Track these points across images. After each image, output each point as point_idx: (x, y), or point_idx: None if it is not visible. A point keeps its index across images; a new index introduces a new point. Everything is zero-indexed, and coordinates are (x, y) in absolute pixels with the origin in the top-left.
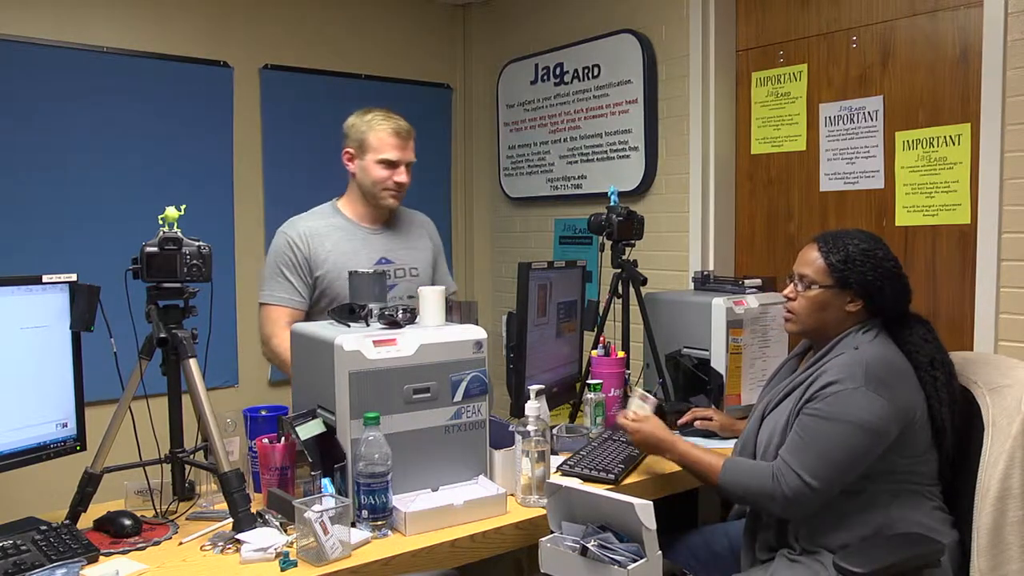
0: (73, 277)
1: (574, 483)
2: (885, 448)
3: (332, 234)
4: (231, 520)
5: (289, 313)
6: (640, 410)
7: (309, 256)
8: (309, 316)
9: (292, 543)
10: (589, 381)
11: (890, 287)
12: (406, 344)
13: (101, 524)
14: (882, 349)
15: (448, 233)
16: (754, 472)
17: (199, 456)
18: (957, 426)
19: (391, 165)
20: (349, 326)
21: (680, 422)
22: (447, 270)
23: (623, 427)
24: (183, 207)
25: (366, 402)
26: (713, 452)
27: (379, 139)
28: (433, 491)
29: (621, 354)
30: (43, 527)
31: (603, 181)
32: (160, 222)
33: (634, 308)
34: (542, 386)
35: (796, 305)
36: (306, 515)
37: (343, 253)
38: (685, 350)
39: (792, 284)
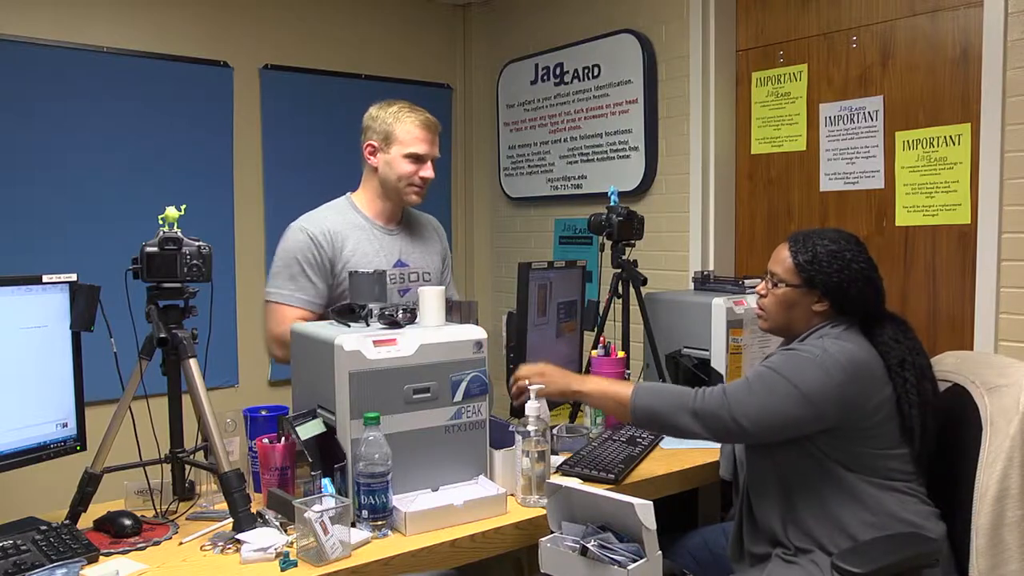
0: (73, 277)
1: (574, 483)
2: (837, 433)
3: (352, 233)
4: (231, 520)
5: (308, 316)
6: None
7: (333, 256)
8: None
9: (292, 543)
10: None
11: (857, 289)
12: (406, 344)
13: (101, 524)
14: (848, 344)
15: (448, 233)
16: (670, 388)
17: (199, 456)
18: (930, 427)
19: (418, 160)
20: (349, 326)
21: None
22: (451, 277)
23: (521, 378)
24: (183, 207)
25: (366, 402)
26: (625, 382)
27: (407, 131)
28: (433, 491)
29: (621, 354)
30: (43, 527)
31: (603, 181)
32: (160, 222)
33: (634, 308)
34: (542, 385)
35: (766, 302)
36: (306, 515)
37: (364, 254)
38: (685, 350)
39: (764, 282)
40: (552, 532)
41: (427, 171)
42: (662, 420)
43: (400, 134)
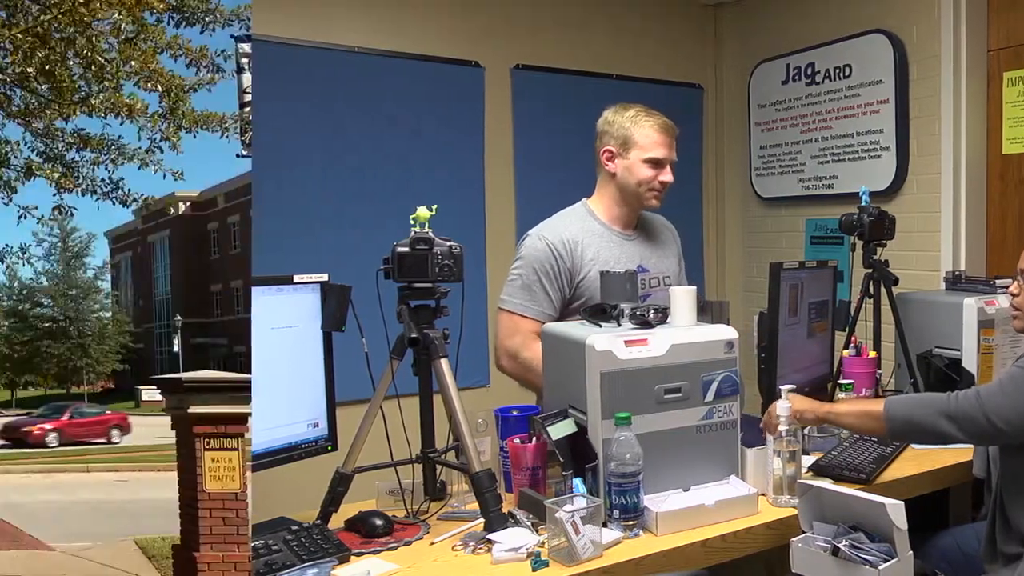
0: (324, 277)
1: (825, 483)
2: None
3: (593, 242)
4: (482, 520)
5: (539, 328)
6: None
7: (572, 266)
8: (563, 319)
9: (543, 543)
10: (840, 381)
11: None
12: (657, 344)
13: (352, 524)
14: None
15: (699, 233)
16: (922, 396)
17: (450, 456)
18: None
19: (657, 164)
20: (600, 326)
21: None
22: (684, 277)
23: (771, 414)
24: (434, 207)
25: (617, 402)
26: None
27: (646, 136)
28: (684, 491)
29: (872, 354)
30: (294, 527)
31: (854, 181)
32: (411, 222)
33: (885, 308)
34: (793, 385)
35: (1020, 301)
36: (557, 515)
37: (605, 262)
38: (936, 350)
39: (1016, 281)
40: (803, 532)
41: (667, 175)
42: (920, 428)
43: (639, 139)
